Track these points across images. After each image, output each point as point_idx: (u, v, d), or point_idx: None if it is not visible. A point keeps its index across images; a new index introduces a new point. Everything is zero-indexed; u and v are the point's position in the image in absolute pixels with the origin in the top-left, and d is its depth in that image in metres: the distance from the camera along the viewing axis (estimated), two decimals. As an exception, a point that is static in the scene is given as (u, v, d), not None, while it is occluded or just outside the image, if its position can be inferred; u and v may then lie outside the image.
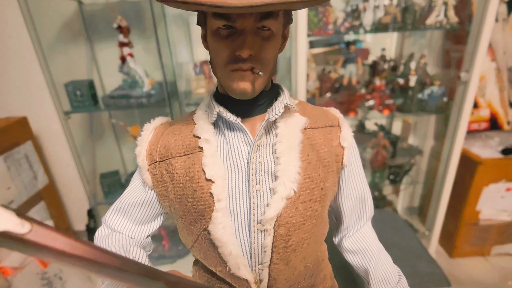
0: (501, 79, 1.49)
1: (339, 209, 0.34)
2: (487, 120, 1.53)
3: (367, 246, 0.33)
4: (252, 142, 0.28)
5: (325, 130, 0.30)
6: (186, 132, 0.30)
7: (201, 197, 0.28)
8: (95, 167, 1.61)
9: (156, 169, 0.30)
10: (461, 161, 1.43)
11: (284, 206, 0.27)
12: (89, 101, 1.26)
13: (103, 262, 0.19)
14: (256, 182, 0.27)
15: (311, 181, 0.28)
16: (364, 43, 1.62)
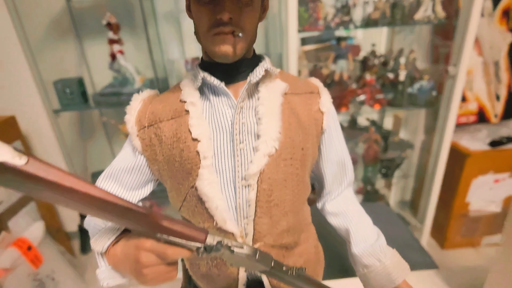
0: (488, 73, 1.52)
1: (321, 174, 0.36)
2: (475, 114, 1.56)
3: (348, 208, 0.36)
4: (236, 104, 0.29)
5: (305, 96, 0.32)
6: (173, 99, 0.31)
7: (188, 156, 0.29)
8: (87, 167, 1.60)
9: (145, 134, 0.32)
10: (451, 154, 1.45)
11: (266, 163, 0.29)
12: (78, 99, 1.24)
13: (94, 195, 0.20)
14: (240, 142, 0.29)
15: (292, 141, 0.30)
16: (355, 39, 1.64)
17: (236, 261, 0.24)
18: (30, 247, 1.34)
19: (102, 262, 0.31)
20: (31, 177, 0.18)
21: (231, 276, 0.30)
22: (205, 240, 0.24)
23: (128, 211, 0.21)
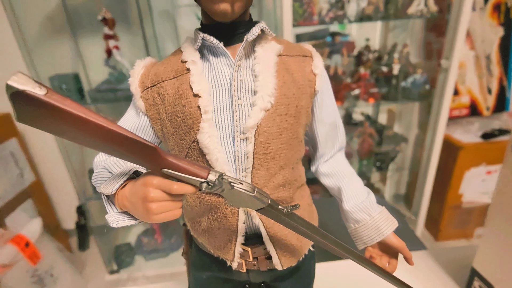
0: (479, 67, 1.54)
1: (315, 136, 0.38)
2: (467, 107, 1.59)
3: (340, 169, 0.38)
4: (233, 63, 0.31)
5: (299, 58, 0.34)
6: (174, 60, 0.33)
7: (189, 111, 0.31)
8: (84, 163, 1.60)
9: (148, 94, 0.33)
10: (444, 146, 1.48)
11: (262, 117, 0.31)
12: (75, 95, 1.24)
13: (106, 126, 0.21)
14: (238, 98, 0.31)
15: (287, 98, 0.32)
16: (350, 37, 1.66)
17: (235, 198, 0.25)
18: (28, 244, 1.35)
19: (110, 208, 0.32)
20: (50, 106, 0.19)
21: (230, 228, 0.32)
22: (207, 176, 0.25)
23: (137, 143, 0.22)
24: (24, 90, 0.18)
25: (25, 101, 0.19)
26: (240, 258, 0.32)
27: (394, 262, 0.38)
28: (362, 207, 0.38)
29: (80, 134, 0.21)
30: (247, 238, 0.33)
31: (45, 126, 0.21)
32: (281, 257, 0.32)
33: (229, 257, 0.32)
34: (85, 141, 0.21)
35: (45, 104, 0.19)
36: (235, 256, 0.32)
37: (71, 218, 1.80)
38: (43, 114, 0.20)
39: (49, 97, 0.19)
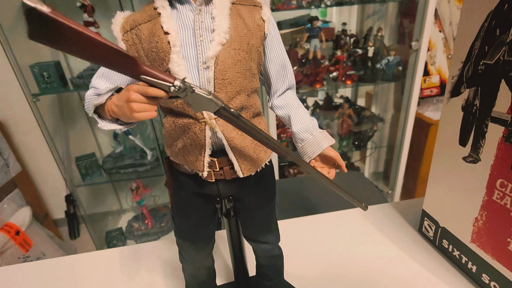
0: (448, 48, 1.64)
1: (268, 75, 0.45)
2: (437, 86, 1.69)
3: (290, 101, 0.47)
4: (195, 8, 0.37)
5: (249, 7, 0.41)
6: (148, 8, 0.41)
7: (161, 46, 0.37)
8: (70, 152, 1.61)
9: (128, 36, 0.39)
10: (416, 124, 1.58)
11: (220, 50, 0.39)
12: (57, 83, 1.25)
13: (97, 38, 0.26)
14: (199, 35, 0.37)
15: (239, 36, 0.39)
16: (331, 23, 1.72)
17: (196, 102, 0.32)
18: (18, 232, 1.37)
19: (100, 120, 0.40)
20: (55, 21, 0.23)
21: (200, 143, 0.39)
22: (174, 81, 0.32)
23: (120, 53, 0.28)
24: (35, 7, 0.23)
25: (36, 17, 0.23)
26: (208, 168, 0.40)
27: (332, 171, 0.49)
28: (306, 128, 0.46)
29: (77, 46, 0.26)
30: (214, 152, 0.41)
31: (50, 41, 0.25)
32: (241, 165, 0.40)
33: (200, 168, 0.40)
34: (81, 52, 0.26)
35: (52, 20, 0.24)
36: (205, 166, 0.40)
37: (60, 208, 1.82)
38: (49, 29, 0.24)
39: (54, 14, 0.24)
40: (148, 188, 1.68)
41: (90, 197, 1.79)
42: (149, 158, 1.50)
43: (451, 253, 0.58)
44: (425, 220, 0.64)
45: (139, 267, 0.69)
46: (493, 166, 0.45)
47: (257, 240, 0.46)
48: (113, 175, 1.50)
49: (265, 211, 0.45)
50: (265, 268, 0.50)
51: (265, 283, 0.51)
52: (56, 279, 0.68)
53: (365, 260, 0.63)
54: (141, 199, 1.67)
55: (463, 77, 0.48)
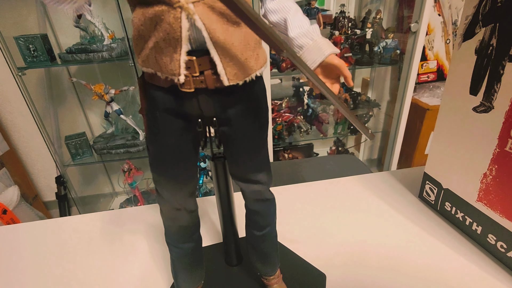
0: (446, 33, 1.62)
1: None
2: (434, 72, 1.68)
3: (286, 4, 0.40)
4: None
5: None
6: None
7: None
8: (59, 132, 1.57)
9: None
10: (412, 109, 1.57)
11: None
12: (44, 56, 1.20)
13: None
14: None
15: None
16: (329, 11, 1.69)
17: None
18: (6, 211, 1.33)
19: None
20: None
21: (175, 36, 0.31)
22: None
23: None
24: None
25: None
26: (186, 70, 0.32)
27: (336, 85, 0.42)
28: (305, 33, 0.39)
29: None
30: (193, 51, 0.32)
31: None
32: (226, 68, 0.32)
33: (175, 71, 0.31)
34: None
35: None
36: (181, 67, 0.31)
37: (50, 190, 1.78)
38: None
39: None
40: (140, 170, 1.65)
41: (81, 178, 1.76)
42: (141, 138, 1.47)
43: (454, 215, 0.57)
44: (427, 184, 0.62)
45: (122, 231, 0.66)
46: (508, 112, 0.42)
47: (246, 179, 0.39)
48: (104, 156, 1.47)
49: (255, 141, 0.38)
50: (255, 215, 0.43)
51: (255, 233, 0.44)
52: (37, 243, 0.65)
53: (362, 226, 0.62)
54: (133, 181, 1.65)
55: (479, 14, 0.45)
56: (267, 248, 0.45)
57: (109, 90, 1.36)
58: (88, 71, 1.47)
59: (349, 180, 0.77)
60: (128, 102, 1.52)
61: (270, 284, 0.47)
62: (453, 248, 0.54)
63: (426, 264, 0.53)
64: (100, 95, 1.34)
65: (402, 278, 0.50)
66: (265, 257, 0.46)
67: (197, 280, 0.47)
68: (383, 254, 0.55)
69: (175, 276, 0.45)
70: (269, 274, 0.46)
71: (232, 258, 0.54)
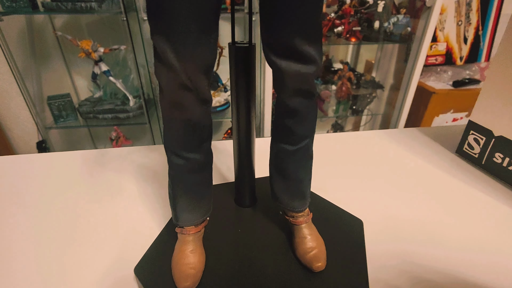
0: (459, 13, 1.55)
1: None
2: (443, 55, 1.61)
3: None
4: None
5: None
6: None
7: None
8: (42, 93, 1.45)
9: None
10: (417, 92, 1.51)
11: None
12: (25, 2, 1.07)
13: None
14: None
15: None
16: None
17: None
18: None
19: None
20: None
21: None
22: None
23: None
24: None
25: None
26: None
27: None
28: None
29: None
30: None
31: None
32: None
33: None
34: None
35: None
36: None
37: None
38: None
39: None
40: (129, 140, 1.56)
41: (64, 145, 1.65)
42: (131, 104, 1.37)
43: (506, 167, 0.51)
44: (471, 135, 0.57)
45: (107, 171, 0.62)
46: None
47: (291, 49, 0.26)
48: (90, 120, 1.37)
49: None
50: (293, 117, 0.31)
51: (287, 148, 0.33)
52: (19, 176, 0.61)
53: (397, 177, 0.58)
54: (121, 151, 1.55)
55: None
56: (300, 171, 0.35)
57: (98, 48, 1.24)
58: (75, 26, 1.34)
59: (377, 133, 0.74)
60: (119, 64, 1.41)
61: (297, 222, 0.37)
62: (498, 199, 0.50)
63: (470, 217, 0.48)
64: (87, 52, 1.22)
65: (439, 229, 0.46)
66: (295, 184, 0.36)
67: (203, 211, 0.36)
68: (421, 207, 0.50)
69: (174, 204, 0.35)
70: (298, 209, 0.37)
71: (244, 197, 0.46)
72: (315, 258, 0.35)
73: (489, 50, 1.65)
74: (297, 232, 0.38)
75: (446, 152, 0.65)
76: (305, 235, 0.37)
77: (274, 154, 0.36)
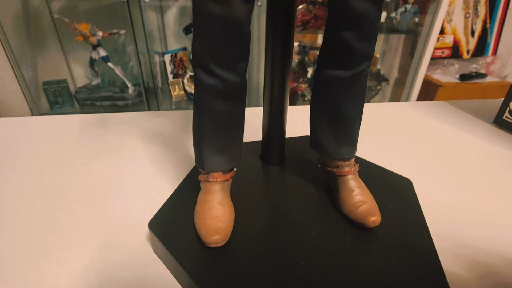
0: (467, 5, 1.52)
1: None
2: (450, 48, 1.58)
3: None
4: None
5: None
6: None
7: None
8: (37, 79, 1.40)
9: None
10: (423, 85, 1.48)
11: None
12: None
13: None
14: None
15: None
16: None
17: None
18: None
19: None
20: None
21: None
22: None
23: None
24: None
25: None
26: None
27: None
28: None
29: None
30: None
31: None
32: None
33: None
34: None
35: None
36: None
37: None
38: None
39: None
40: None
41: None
42: (130, 92, 1.32)
43: None
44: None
45: (114, 135, 0.59)
46: None
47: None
48: (87, 108, 1.32)
49: None
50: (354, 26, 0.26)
51: (341, 74, 0.28)
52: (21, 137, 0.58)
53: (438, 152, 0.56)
54: (119, 141, 1.51)
55: None
56: (352, 108, 0.30)
57: (96, 32, 1.20)
58: (72, 12, 1.30)
59: (406, 105, 0.74)
60: (118, 51, 1.36)
61: (343, 173, 0.33)
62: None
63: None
64: (85, 36, 1.18)
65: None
66: (346, 125, 0.31)
67: (233, 155, 0.31)
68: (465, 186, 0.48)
69: (200, 141, 0.30)
70: (345, 156, 0.32)
71: (273, 154, 0.41)
72: (368, 212, 0.31)
73: (496, 43, 1.62)
74: (342, 185, 0.33)
75: (483, 123, 0.65)
76: (352, 188, 0.32)
77: (322, 87, 0.31)
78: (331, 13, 0.28)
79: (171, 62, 1.36)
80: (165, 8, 1.37)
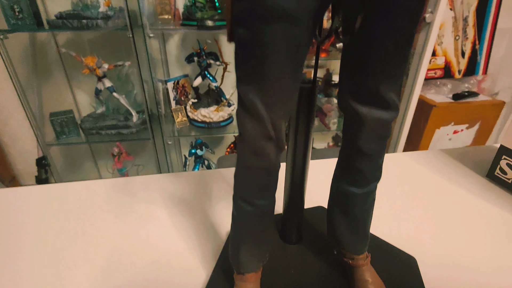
0: (456, 28, 1.59)
1: None
2: (442, 68, 1.64)
3: None
4: None
5: None
6: None
7: None
8: (42, 108, 1.43)
9: None
10: (418, 105, 1.53)
11: None
12: (30, 19, 1.07)
13: None
14: None
15: None
16: None
17: None
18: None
19: None
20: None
21: None
22: None
23: None
24: None
25: None
26: None
27: None
28: None
29: None
30: None
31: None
32: None
33: None
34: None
35: None
36: None
37: (30, 174, 1.64)
38: None
39: None
40: (131, 155, 1.54)
41: (65, 162, 1.62)
42: (134, 120, 1.36)
43: None
44: (503, 159, 0.57)
45: (135, 200, 0.60)
46: None
47: (375, 95, 0.26)
48: (92, 137, 1.35)
49: (406, 36, 0.24)
50: (365, 160, 0.30)
51: (355, 191, 0.33)
52: (38, 208, 0.59)
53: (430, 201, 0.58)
54: (123, 166, 1.53)
55: None
56: (365, 214, 0.34)
57: (102, 64, 1.24)
58: (78, 43, 1.35)
59: (399, 156, 0.73)
60: (121, 80, 1.40)
61: (358, 265, 0.36)
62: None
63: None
64: (91, 69, 1.22)
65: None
66: (359, 227, 0.35)
67: (265, 256, 0.36)
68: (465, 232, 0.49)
69: (237, 248, 0.34)
70: (359, 252, 0.36)
71: (291, 233, 0.44)
72: None
73: (486, 63, 1.69)
74: (357, 275, 0.37)
75: (476, 176, 0.65)
76: (366, 279, 0.36)
77: (338, 197, 0.35)
78: (345, 145, 0.33)
79: (174, 89, 1.40)
80: (167, 36, 1.43)
